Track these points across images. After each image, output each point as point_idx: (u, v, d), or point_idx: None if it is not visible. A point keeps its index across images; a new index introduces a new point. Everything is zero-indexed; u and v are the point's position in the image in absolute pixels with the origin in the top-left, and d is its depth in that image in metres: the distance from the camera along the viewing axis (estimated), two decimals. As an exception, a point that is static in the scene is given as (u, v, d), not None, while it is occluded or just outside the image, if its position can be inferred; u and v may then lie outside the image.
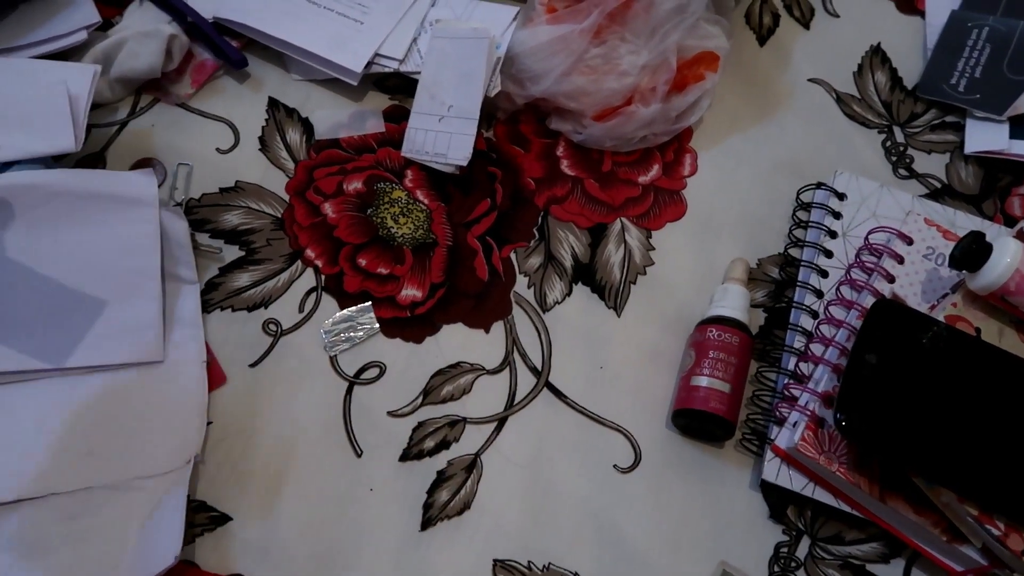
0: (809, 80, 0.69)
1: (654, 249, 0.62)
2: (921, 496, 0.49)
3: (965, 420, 0.48)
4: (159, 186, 0.60)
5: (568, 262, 0.61)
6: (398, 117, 0.66)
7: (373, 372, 0.57)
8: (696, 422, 0.54)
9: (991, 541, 0.47)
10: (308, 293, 0.59)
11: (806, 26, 0.72)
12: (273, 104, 0.66)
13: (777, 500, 0.54)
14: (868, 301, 0.54)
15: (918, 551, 0.51)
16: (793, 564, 0.53)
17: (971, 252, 0.50)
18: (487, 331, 0.59)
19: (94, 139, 0.63)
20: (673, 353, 0.58)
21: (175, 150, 0.63)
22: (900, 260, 0.56)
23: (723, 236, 0.63)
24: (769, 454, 0.53)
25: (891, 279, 0.55)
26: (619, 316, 0.60)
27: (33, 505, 0.49)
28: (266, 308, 0.58)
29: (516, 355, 0.58)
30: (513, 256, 0.61)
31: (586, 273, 0.61)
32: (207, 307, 0.58)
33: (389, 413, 0.55)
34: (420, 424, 0.55)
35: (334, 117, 0.66)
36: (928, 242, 0.56)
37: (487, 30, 0.62)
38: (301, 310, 0.59)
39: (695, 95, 0.63)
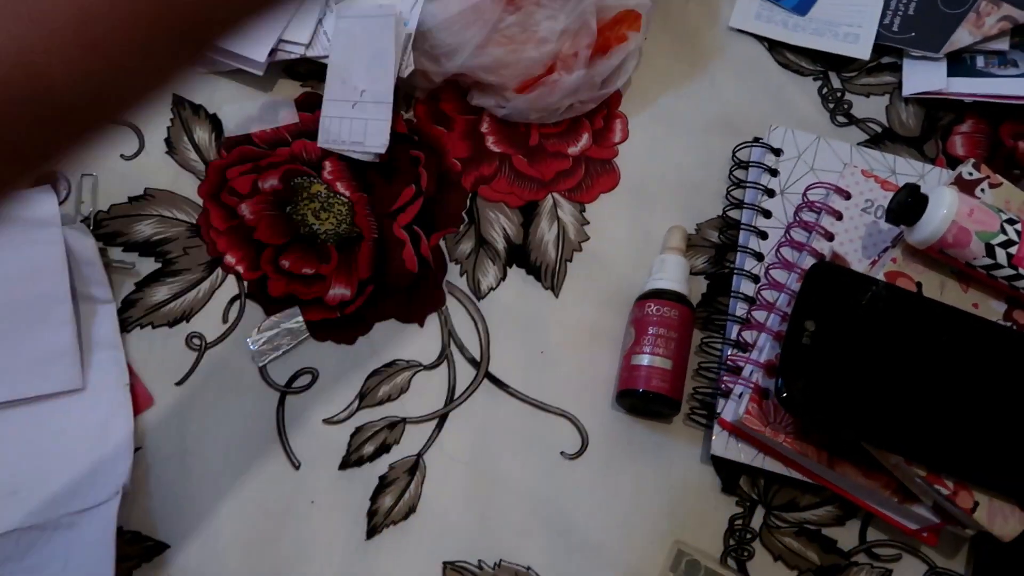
0: (739, 30, 0.66)
1: (589, 223, 0.60)
2: (870, 459, 0.48)
3: (908, 381, 0.47)
4: (63, 200, 0.57)
5: (500, 244, 0.59)
6: (312, 105, 0.62)
7: (305, 379, 0.55)
8: (640, 402, 0.53)
9: (941, 500, 0.47)
10: (231, 301, 0.56)
11: (734, -29, 0.69)
12: (177, 102, 0.62)
13: (728, 473, 0.53)
14: (808, 262, 0.53)
15: (872, 512, 0.50)
16: (748, 536, 0.52)
17: (906, 206, 0.48)
18: (421, 325, 0.56)
19: (-12, 157, 0.59)
20: (615, 331, 0.57)
21: (77, 160, 0.59)
22: (839, 216, 0.54)
23: (659, 203, 0.60)
24: (717, 428, 0.52)
25: (830, 237, 0.53)
26: (557, 297, 0.58)
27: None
28: (188, 321, 0.56)
29: (453, 347, 0.56)
30: (443, 243, 0.59)
31: (520, 255, 0.59)
32: (126, 326, 0.55)
33: (325, 421, 0.53)
34: (358, 429, 0.53)
35: (244, 111, 0.62)
36: (866, 195, 0.54)
37: (392, 6, 0.58)
38: (225, 320, 0.56)
39: (619, 57, 0.60)
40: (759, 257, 0.55)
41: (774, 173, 0.58)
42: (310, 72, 0.63)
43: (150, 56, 0.26)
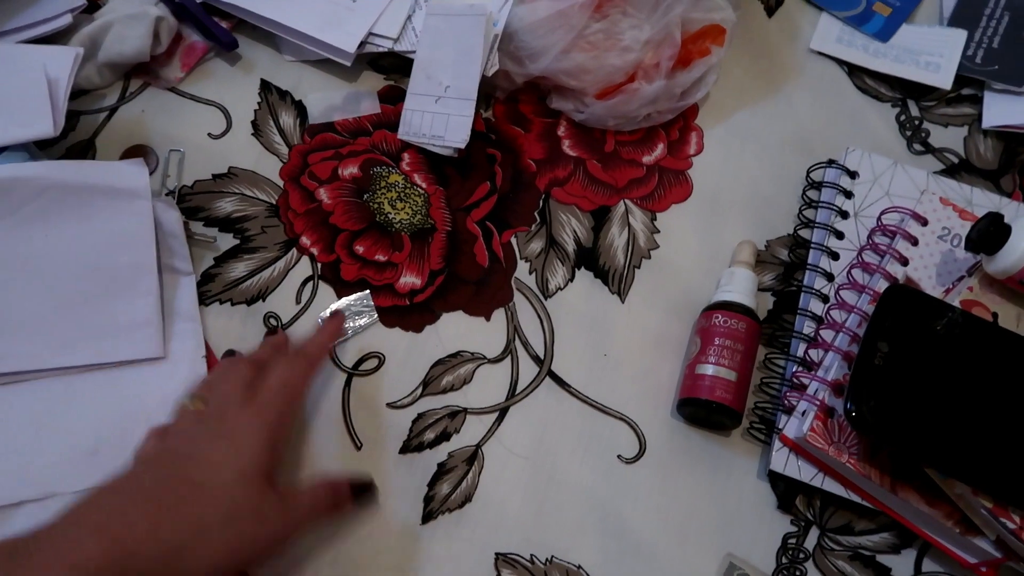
0: (819, 52, 0.66)
1: (659, 232, 0.60)
2: (934, 487, 0.48)
3: (980, 410, 0.46)
4: (151, 174, 0.59)
5: (570, 246, 0.60)
6: (394, 98, 0.64)
7: (372, 363, 0.56)
8: (702, 411, 0.53)
9: (1006, 534, 0.46)
10: (304, 282, 0.58)
11: (817, -6, 0.69)
12: (265, 87, 0.64)
13: (785, 490, 0.53)
14: (880, 285, 0.53)
15: (930, 542, 0.50)
16: (802, 555, 0.52)
17: (988, 234, 0.48)
18: (488, 319, 0.57)
19: (84, 126, 0.61)
20: (679, 339, 0.57)
21: (166, 136, 0.62)
22: (914, 242, 0.54)
23: (730, 217, 0.61)
24: (777, 443, 0.52)
25: (905, 262, 0.53)
26: (623, 302, 0.58)
27: (37, 507, 0.49)
28: (264, 300, 0.57)
29: (518, 343, 0.57)
30: (514, 241, 0.60)
31: (589, 258, 0.59)
32: (204, 299, 0.57)
33: (388, 404, 0.54)
34: (420, 415, 0.54)
35: (328, 99, 0.64)
36: (943, 222, 0.54)
37: (483, 6, 0.60)
38: (298, 301, 0.57)
39: (700, 70, 0.61)
40: (829, 277, 0.55)
41: (848, 195, 0.58)
42: (394, 66, 0.65)
43: None
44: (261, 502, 0.41)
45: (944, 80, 0.62)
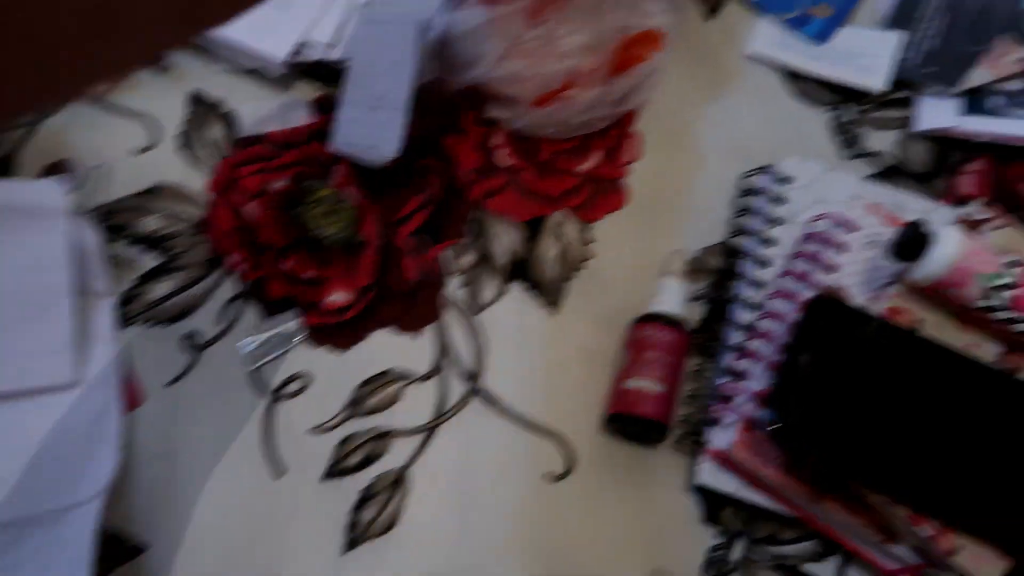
0: (758, 57, 0.65)
1: (593, 242, 0.60)
2: (855, 497, 0.47)
3: (898, 420, 0.46)
4: (73, 191, 0.58)
5: (503, 259, 0.59)
6: (328, 108, 0.62)
7: (297, 385, 0.55)
8: (630, 426, 0.52)
9: (923, 542, 0.46)
10: (230, 301, 0.57)
11: (756, -5, 0.68)
12: (195, 98, 0.63)
13: (712, 502, 0.53)
14: (809, 294, 0.52)
15: (852, 551, 0.50)
16: (728, 567, 0.51)
17: (910, 243, 0.48)
18: (418, 335, 0.56)
19: (4, 142, 0.60)
20: (611, 352, 0.56)
21: (90, 151, 0.60)
22: (843, 248, 0.53)
23: (664, 226, 0.60)
24: (704, 456, 0.51)
25: (833, 269, 0.53)
26: (556, 314, 0.58)
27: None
28: (186, 319, 0.56)
29: (447, 360, 0.56)
30: (446, 254, 0.59)
31: (522, 270, 0.59)
32: (124, 321, 0.56)
33: (312, 429, 0.54)
34: (345, 439, 0.53)
35: (260, 110, 0.63)
36: (871, 229, 0.54)
37: (417, 13, 0.58)
38: (222, 320, 0.56)
39: (638, 77, 0.60)
40: (759, 285, 0.55)
41: (781, 201, 0.57)
42: (328, 74, 0.64)
43: None
44: None
45: (879, 82, 0.62)
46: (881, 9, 0.66)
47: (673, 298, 0.55)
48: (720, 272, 0.58)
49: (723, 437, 0.50)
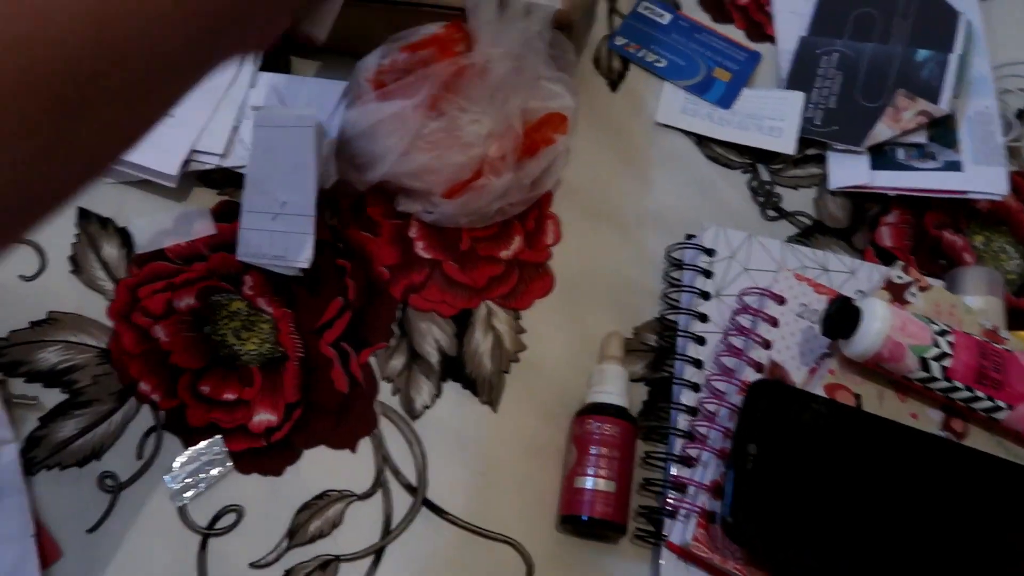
0: (665, 125, 0.65)
1: (524, 332, 0.58)
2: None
3: (851, 503, 0.46)
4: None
5: (435, 358, 0.56)
6: (230, 215, 0.59)
7: (230, 518, 0.51)
8: (584, 527, 0.51)
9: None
10: (147, 434, 0.53)
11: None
12: (83, 215, 0.58)
13: (679, 593, 0.51)
14: (746, 373, 0.52)
15: (824, 630, 0.49)
16: (701, 660, 0.50)
17: (839, 320, 0.48)
18: (353, 450, 0.53)
19: None
20: (556, 444, 0.55)
21: None
22: (774, 323, 0.53)
23: (595, 306, 0.59)
24: (665, 551, 0.50)
25: (767, 345, 0.53)
26: (495, 411, 0.55)
27: None
28: (99, 459, 0.52)
29: (388, 473, 0.53)
30: (373, 360, 0.56)
31: (455, 367, 0.56)
32: (30, 467, 0.51)
33: (251, 565, 0.50)
34: (288, 572, 0.50)
35: (156, 223, 0.59)
36: (801, 299, 0.54)
37: (313, 116, 0.56)
38: (140, 456, 0.52)
39: (548, 159, 0.59)
40: (698, 364, 0.54)
41: (708, 275, 0.57)
42: (227, 179, 0.60)
43: None
44: None
45: (787, 145, 0.63)
46: (780, 69, 0.67)
47: (614, 386, 0.53)
48: (657, 350, 0.58)
49: (681, 531, 0.49)
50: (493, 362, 0.57)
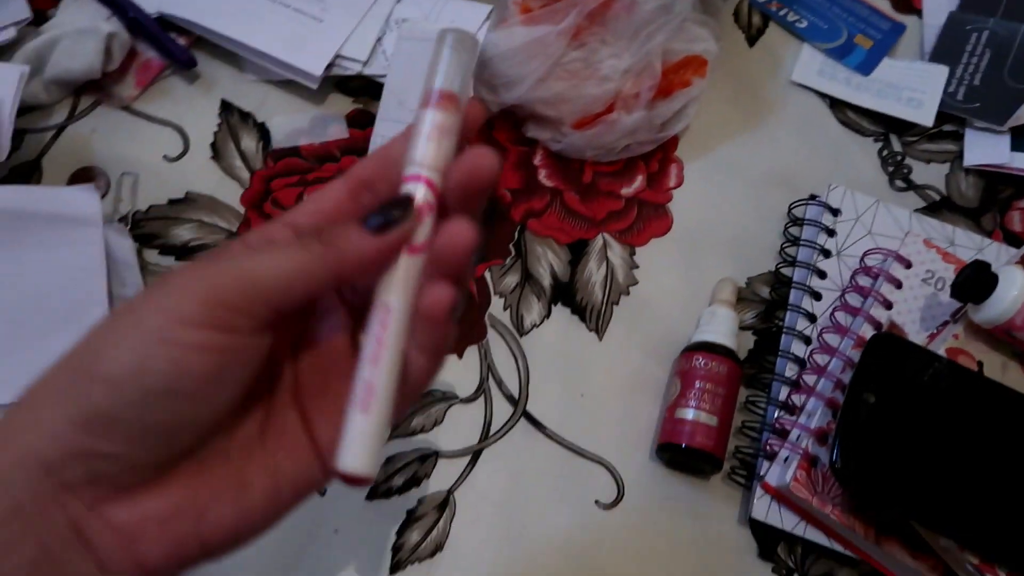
0: (801, 85, 0.65)
1: (638, 267, 0.58)
2: (919, 540, 0.46)
3: (967, 463, 0.45)
4: (102, 198, 0.56)
5: (547, 281, 0.57)
6: (363, 123, 0.61)
7: (337, 404, 0.53)
8: (682, 456, 0.51)
9: (992, 589, 0.45)
10: (267, 316, 0.55)
11: (797, 24, 0.68)
12: (226, 108, 0.61)
13: (766, 537, 0.51)
14: (864, 329, 0.51)
15: (913, 594, 0.49)
16: (783, 607, 0.50)
17: (975, 284, 0.47)
18: (460, 356, 0.55)
19: (29, 146, 0.58)
20: (658, 379, 0.55)
21: (119, 158, 0.58)
22: (898, 285, 0.53)
23: (711, 253, 0.59)
24: (759, 491, 0.50)
25: (888, 305, 0.52)
26: (601, 339, 0.56)
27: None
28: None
29: (492, 382, 0.54)
30: (488, 275, 0.57)
31: (566, 293, 0.57)
32: (156, 332, 0.53)
33: (355, 449, 0.52)
34: (389, 459, 0.51)
35: (293, 123, 0.61)
36: (928, 265, 0.53)
37: (458, 31, 0.57)
38: (259, 335, 0.54)
39: (681, 102, 0.60)
40: (811, 318, 0.54)
41: (831, 233, 0.57)
42: (362, 89, 0.62)
43: None
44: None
45: (926, 117, 0.62)
46: (925, 42, 0.66)
47: (724, 327, 0.53)
48: (768, 303, 0.58)
49: (780, 473, 0.49)
50: (604, 292, 0.57)
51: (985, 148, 0.61)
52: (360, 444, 0.25)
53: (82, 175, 0.57)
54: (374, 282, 0.27)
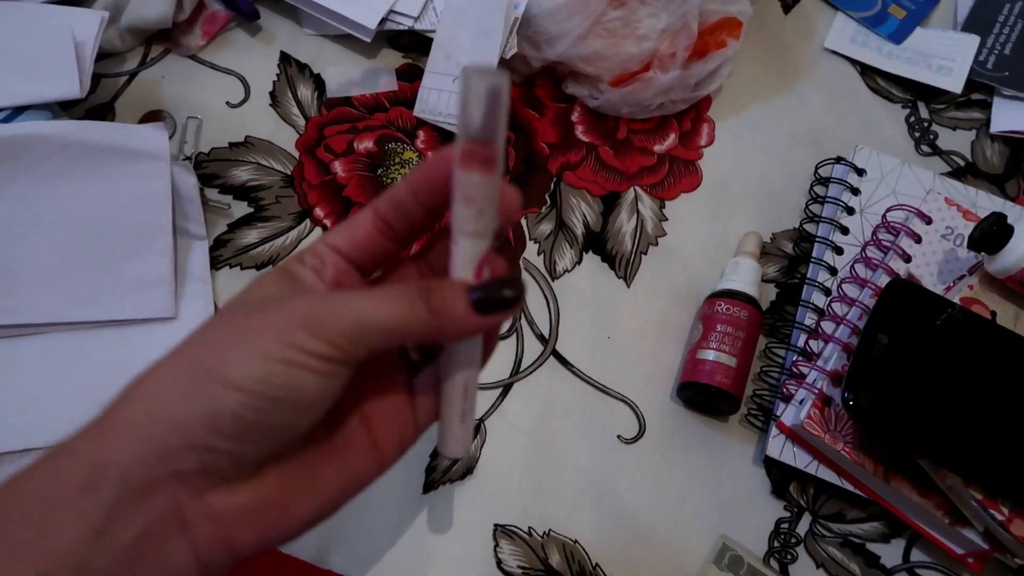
0: (833, 51, 0.67)
1: (667, 220, 0.61)
2: (925, 478, 0.49)
3: (975, 404, 0.47)
4: (169, 138, 0.60)
5: (579, 230, 0.60)
6: (411, 76, 0.64)
7: (379, 334, 0.56)
8: (701, 395, 0.54)
9: (994, 526, 0.47)
10: (316, 252, 0.59)
11: (833, -6, 0.70)
12: (285, 59, 0.65)
13: (780, 476, 0.54)
14: (883, 280, 0.54)
15: (919, 532, 0.51)
16: (793, 540, 0.53)
17: (991, 234, 0.49)
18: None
19: (104, 89, 0.62)
20: (682, 325, 0.58)
21: (185, 102, 0.62)
22: (918, 239, 0.55)
23: (738, 209, 0.62)
24: (774, 430, 0.53)
25: (907, 259, 0.54)
26: (629, 287, 0.59)
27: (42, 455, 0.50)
28: (273, 266, 0.58)
29: (523, 321, 0.58)
30: (524, 222, 0.60)
31: (597, 242, 0.60)
32: (215, 263, 0.58)
33: (394, 376, 0.55)
34: (425, 388, 0.55)
35: (346, 74, 0.65)
36: (947, 222, 0.55)
37: (505, -11, 0.60)
38: (309, 269, 0.58)
39: (716, 62, 0.62)
40: (832, 271, 0.56)
41: (855, 192, 0.59)
42: (412, 44, 0.66)
43: None
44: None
45: (955, 84, 0.63)
46: (958, 13, 0.67)
47: (747, 276, 0.56)
48: (791, 258, 0.60)
49: (794, 412, 0.52)
50: (633, 242, 0.60)
51: (1012, 116, 0.62)
52: (459, 439, 0.33)
53: (151, 117, 0.61)
54: None
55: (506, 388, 0.56)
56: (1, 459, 0.49)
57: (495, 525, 0.52)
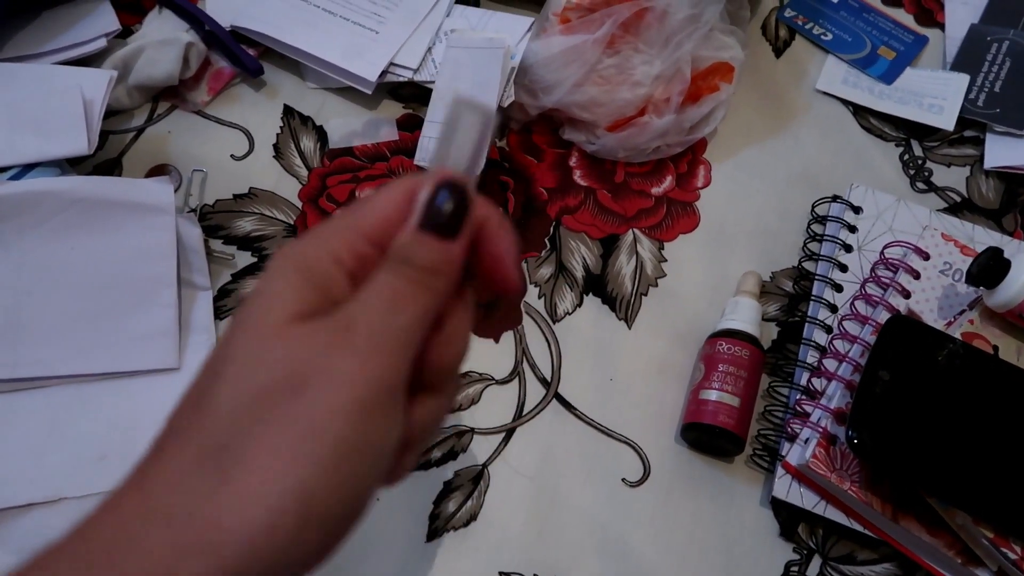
0: (826, 93, 0.68)
1: (666, 261, 0.62)
2: (935, 516, 0.48)
3: (981, 440, 0.47)
4: (175, 191, 0.61)
5: (579, 272, 0.61)
6: (412, 126, 0.66)
7: (382, 380, 0.57)
8: (706, 436, 0.54)
9: (1007, 565, 0.46)
10: (319, 300, 0.59)
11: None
12: (288, 112, 0.66)
13: (787, 517, 0.53)
14: (883, 317, 0.54)
15: (932, 573, 0.50)
16: (803, 583, 0.52)
17: (989, 268, 0.49)
18: (497, 341, 0.58)
19: (111, 145, 0.64)
20: (683, 366, 0.58)
21: (191, 156, 0.64)
22: (916, 275, 0.55)
23: (736, 249, 0.62)
24: (780, 471, 0.52)
25: (907, 295, 0.54)
26: (630, 328, 0.59)
27: (45, 510, 0.50)
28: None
29: (526, 365, 0.58)
30: (524, 265, 0.61)
31: (597, 284, 0.61)
32: (219, 313, 0.58)
33: (397, 422, 0.55)
34: (428, 433, 0.55)
35: (348, 125, 0.66)
36: (945, 257, 0.56)
37: (502, 40, 0.62)
38: (312, 317, 0.59)
39: (709, 106, 0.63)
40: (832, 308, 0.57)
41: (852, 229, 0.59)
42: (413, 95, 0.67)
43: None
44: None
45: (947, 121, 0.64)
46: (947, 53, 0.69)
47: (748, 316, 0.56)
48: (791, 296, 0.60)
49: (800, 452, 0.51)
50: (633, 284, 0.61)
51: (1005, 151, 0.63)
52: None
53: (157, 171, 0.63)
54: None
55: (509, 433, 0.55)
56: (3, 514, 0.49)
57: (500, 572, 0.51)
